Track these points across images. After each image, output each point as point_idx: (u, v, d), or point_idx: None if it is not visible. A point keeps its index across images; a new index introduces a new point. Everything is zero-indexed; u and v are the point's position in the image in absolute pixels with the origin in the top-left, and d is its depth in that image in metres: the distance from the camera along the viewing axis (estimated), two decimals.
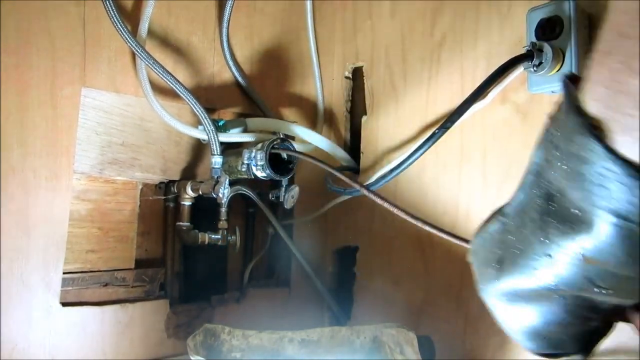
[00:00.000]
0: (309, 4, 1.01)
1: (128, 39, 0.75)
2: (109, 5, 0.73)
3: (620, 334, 0.36)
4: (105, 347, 0.78)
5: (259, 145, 0.81)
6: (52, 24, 0.72)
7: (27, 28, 0.70)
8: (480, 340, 0.77)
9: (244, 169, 0.81)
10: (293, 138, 0.93)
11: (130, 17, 0.80)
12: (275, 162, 0.83)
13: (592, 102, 0.24)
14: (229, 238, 0.89)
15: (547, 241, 0.30)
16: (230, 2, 0.86)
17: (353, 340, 0.69)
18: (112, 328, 0.79)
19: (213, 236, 0.87)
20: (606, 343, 0.64)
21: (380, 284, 0.93)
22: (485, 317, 0.76)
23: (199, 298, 0.91)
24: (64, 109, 0.73)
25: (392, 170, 0.78)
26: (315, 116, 1.03)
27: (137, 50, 0.76)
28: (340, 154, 0.97)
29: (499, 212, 0.36)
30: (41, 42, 0.71)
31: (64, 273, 0.74)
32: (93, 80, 0.77)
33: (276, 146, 0.81)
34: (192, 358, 0.67)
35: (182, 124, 0.81)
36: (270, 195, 0.91)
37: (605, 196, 0.25)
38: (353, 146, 1.02)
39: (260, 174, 0.81)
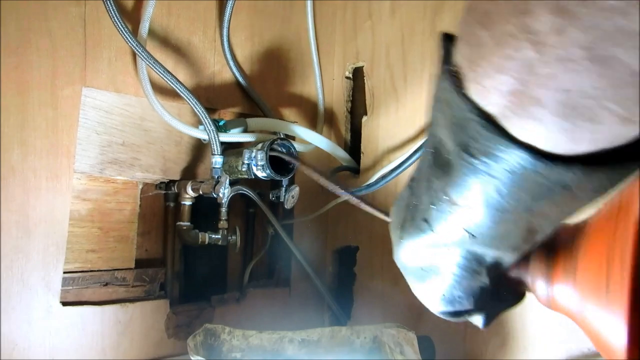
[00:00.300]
0: (309, 4, 1.01)
1: (129, 38, 0.75)
2: (109, 5, 0.73)
3: None
4: (105, 346, 0.78)
5: (260, 145, 0.81)
6: (53, 23, 0.72)
7: (27, 28, 0.70)
8: (480, 340, 0.77)
9: (244, 169, 0.81)
10: (293, 138, 0.94)
11: (130, 17, 0.80)
12: (276, 162, 0.83)
13: (458, 55, 0.26)
14: (229, 238, 0.89)
15: (431, 191, 0.32)
16: (230, 2, 0.86)
17: (353, 340, 0.69)
18: (112, 328, 0.79)
19: (213, 236, 0.87)
20: None
21: (380, 284, 0.93)
22: None
23: (199, 298, 0.91)
24: (64, 108, 0.73)
25: (392, 170, 0.78)
26: (315, 116, 1.03)
27: (137, 50, 0.76)
28: (341, 154, 0.97)
29: (410, 178, 0.38)
30: (42, 42, 0.71)
31: (64, 273, 0.74)
32: (93, 80, 0.77)
33: (276, 146, 0.81)
34: (192, 358, 0.67)
35: (183, 123, 0.81)
36: (270, 195, 0.91)
37: (462, 134, 0.27)
38: (353, 146, 1.02)
39: (260, 174, 0.81)
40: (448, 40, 0.29)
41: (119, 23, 0.74)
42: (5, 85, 0.68)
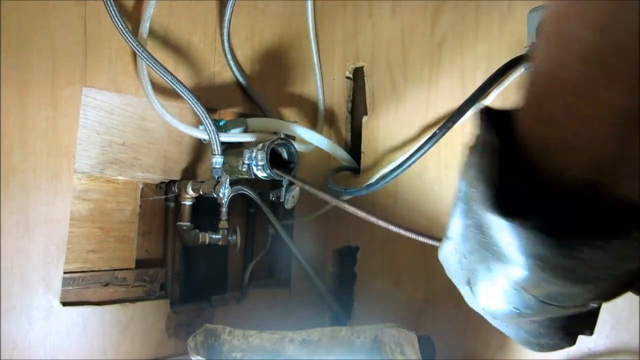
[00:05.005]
0: (309, 4, 1.01)
1: (129, 38, 0.75)
2: (109, 5, 0.73)
3: (621, 334, 0.36)
4: (105, 346, 0.78)
5: (260, 145, 0.81)
6: (53, 23, 0.72)
7: (27, 28, 0.70)
8: (481, 340, 0.77)
9: (244, 169, 0.81)
10: (294, 138, 0.94)
11: (131, 17, 0.80)
12: (276, 162, 0.83)
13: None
14: (230, 238, 0.89)
15: (490, 272, 0.31)
16: (231, 2, 0.86)
17: (353, 340, 0.69)
18: (113, 328, 0.79)
19: (214, 236, 0.87)
20: (606, 343, 0.63)
21: (381, 284, 0.93)
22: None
23: (199, 298, 0.91)
24: (64, 108, 0.73)
25: (393, 170, 0.78)
26: (315, 116, 1.03)
27: (138, 50, 0.76)
28: (341, 154, 0.97)
29: (446, 232, 0.36)
30: (42, 42, 0.71)
31: (64, 273, 0.74)
32: (94, 80, 0.77)
33: (277, 146, 0.81)
34: (192, 358, 0.67)
35: (183, 123, 0.81)
36: (270, 195, 0.91)
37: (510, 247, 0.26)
38: (354, 146, 1.02)
39: (261, 174, 0.81)
40: (491, 118, 0.27)
41: (119, 23, 0.74)
42: (5, 85, 0.68)
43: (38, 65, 0.71)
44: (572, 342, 0.36)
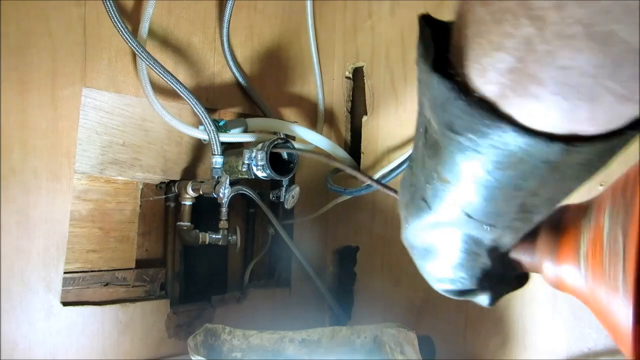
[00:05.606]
0: (309, 4, 1.01)
1: (129, 39, 0.75)
2: (109, 6, 0.73)
3: None
4: (105, 346, 0.78)
5: (260, 145, 0.81)
6: (53, 24, 0.72)
7: (27, 28, 0.70)
8: (481, 340, 0.77)
9: (244, 169, 0.81)
10: (293, 138, 0.94)
11: (130, 18, 0.80)
12: (276, 162, 0.83)
13: (456, 34, 0.26)
14: (230, 238, 0.89)
15: (425, 170, 0.32)
16: (230, 2, 0.87)
17: (353, 340, 0.69)
18: (113, 328, 0.79)
19: (214, 236, 0.87)
20: (606, 343, 0.63)
21: (380, 284, 0.93)
22: (485, 317, 0.76)
23: (199, 298, 0.92)
24: (64, 109, 0.74)
25: (392, 170, 0.78)
26: (315, 116, 1.03)
27: (137, 51, 0.76)
28: (341, 154, 0.97)
29: (409, 157, 0.38)
30: (42, 42, 0.71)
31: (64, 273, 0.74)
32: (94, 80, 0.77)
33: (277, 146, 0.81)
34: (192, 358, 0.67)
35: (183, 124, 0.81)
36: (270, 195, 0.91)
37: (444, 113, 0.27)
38: (354, 146, 1.02)
39: (260, 174, 0.81)
40: (427, 22, 0.29)
41: (119, 23, 0.74)
42: (5, 85, 0.68)
43: (38, 65, 0.71)
44: (463, 296, 0.38)
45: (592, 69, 0.20)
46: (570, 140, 0.24)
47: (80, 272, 0.80)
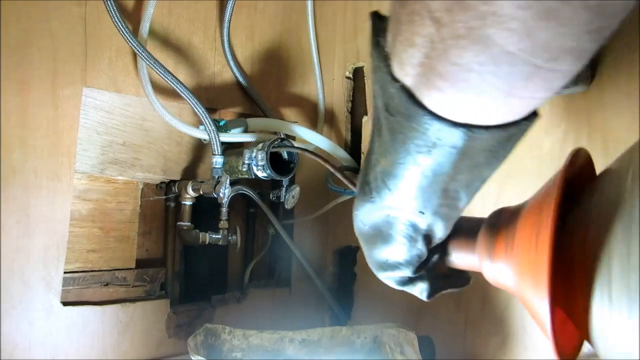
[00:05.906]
0: (309, 4, 1.01)
1: (129, 39, 0.75)
2: (110, 5, 0.73)
3: None
4: (105, 346, 0.78)
5: (260, 145, 0.81)
6: (53, 24, 0.72)
7: (28, 28, 0.70)
8: (481, 340, 0.77)
9: (244, 169, 0.81)
10: (294, 138, 0.94)
11: (131, 17, 0.80)
12: (276, 162, 0.83)
13: (388, 31, 0.29)
14: (230, 238, 0.89)
15: (371, 155, 0.35)
16: (231, 2, 0.87)
17: (353, 340, 0.69)
18: (113, 328, 0.79)
19: (214, 236, 0.87)
20: None
21: (380, 284, 0.93)
22: (485, 317, 0.76)
23: (199, 298, 0.91)
24: (65, 109, 0.74)
25: None
26: (316, 116, 1.04)
27: (138, 50, 0.76)
28: (341, 154, 0.97)
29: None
30: (42, 42, 0.71)
31: (64, 272, 0.74)
32: (94, 80, 0.77)
33: (277, 146, 0.81)
34: (192, 358, 0.67)
35: (183, 123, 0.81)
36: (271, 195, 0.91)
37: (384, 95, 0.30)
38: (354, 146, 1.02)
39: (261, 174, 0.81)
40: (378, 18, 0.32)
41: (119, 23, 0.74)
42: (6, 85, 0.68)
43: (39, 65, 0.71)
44: (403, 285, 0.40)
45: (476, 66, 0.23)
46: (470, 127, 0.27)
47: (80, 272, 0.80)
